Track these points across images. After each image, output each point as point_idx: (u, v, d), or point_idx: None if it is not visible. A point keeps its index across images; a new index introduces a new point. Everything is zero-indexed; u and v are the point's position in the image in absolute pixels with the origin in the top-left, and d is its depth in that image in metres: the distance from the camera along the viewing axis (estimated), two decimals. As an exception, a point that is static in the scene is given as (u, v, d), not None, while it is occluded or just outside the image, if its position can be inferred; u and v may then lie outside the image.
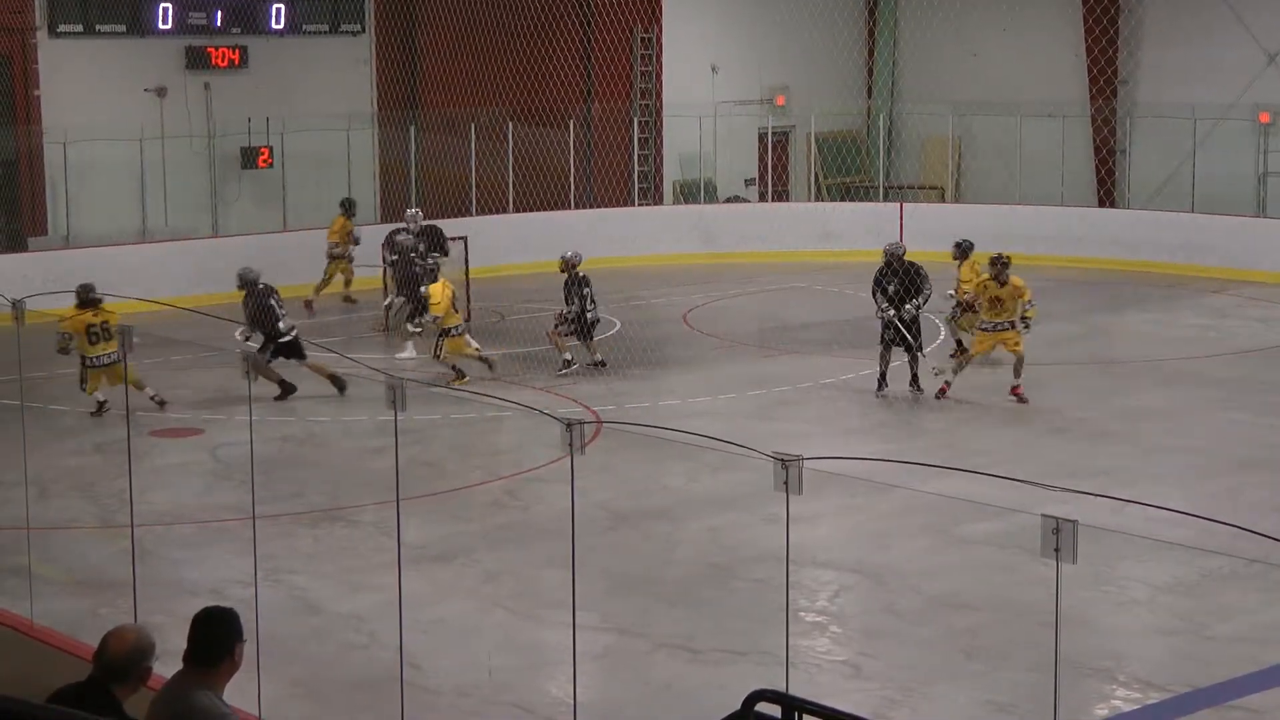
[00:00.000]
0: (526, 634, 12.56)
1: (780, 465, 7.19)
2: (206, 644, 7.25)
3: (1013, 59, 32.56)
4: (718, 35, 33.78)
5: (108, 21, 29.83)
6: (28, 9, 29.05)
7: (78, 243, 28.27)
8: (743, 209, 33.67)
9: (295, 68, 31.33)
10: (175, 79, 30.56)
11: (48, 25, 29.36)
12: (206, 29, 30.89)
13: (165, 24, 30.37)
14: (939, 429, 19.02)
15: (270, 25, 31.47)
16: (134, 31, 30.12)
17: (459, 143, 30.94)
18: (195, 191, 30.42)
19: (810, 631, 12.43)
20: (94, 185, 28.97)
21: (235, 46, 31.19)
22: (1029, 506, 7.40)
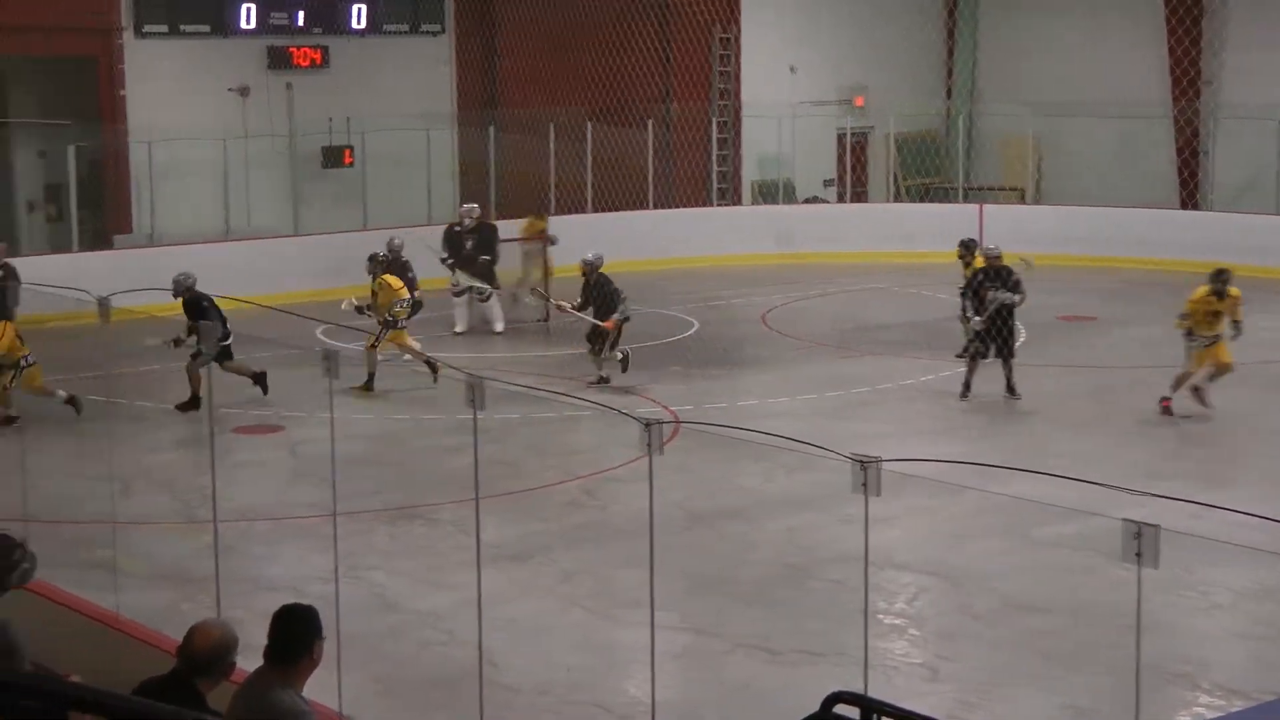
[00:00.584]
0: (604, 633, 12.58)
1: (858, 466, 7.17)
2: (286, 641, 7.31)
3: (1094, 59, 32.29)
4: (797, 35, 33.67)
5: (192, 22, 30.09)
6: (114, 10, 29.33)
7: (162, 241, 28.49)
8: (821, 210, 33.58)
9: (376, 67, 31.48)
10: (258, 79, 30.79)
11: (133, 26, 29.65)
12: (288, 29, 31.09)
13: (248, 24, 30.60)
14: (1016, 431, 18.92)
15: (351, 25, 31.66)
16: (217, 32, 30.38)
17: (538, 142, 30.99)
18: (276, 190, 30.62)
19: (888, 633, 12.39)
20: (178, 184, 29.19)
21: (317, 46, 31.39)
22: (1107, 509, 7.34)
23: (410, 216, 30.01)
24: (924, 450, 16.07)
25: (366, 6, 31.77)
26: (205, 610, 9.81)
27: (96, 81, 29.53)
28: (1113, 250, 27.16)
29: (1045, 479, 10.20)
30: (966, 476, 13.42)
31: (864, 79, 34.33)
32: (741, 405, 19.68)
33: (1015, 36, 33.94)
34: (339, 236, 29.09)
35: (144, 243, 28.63)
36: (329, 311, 20.48)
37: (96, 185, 29.86)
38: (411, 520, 15.40)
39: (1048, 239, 29.59)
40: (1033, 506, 13.49)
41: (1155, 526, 6.40)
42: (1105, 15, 32.36)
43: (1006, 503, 13.24)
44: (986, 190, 33.36)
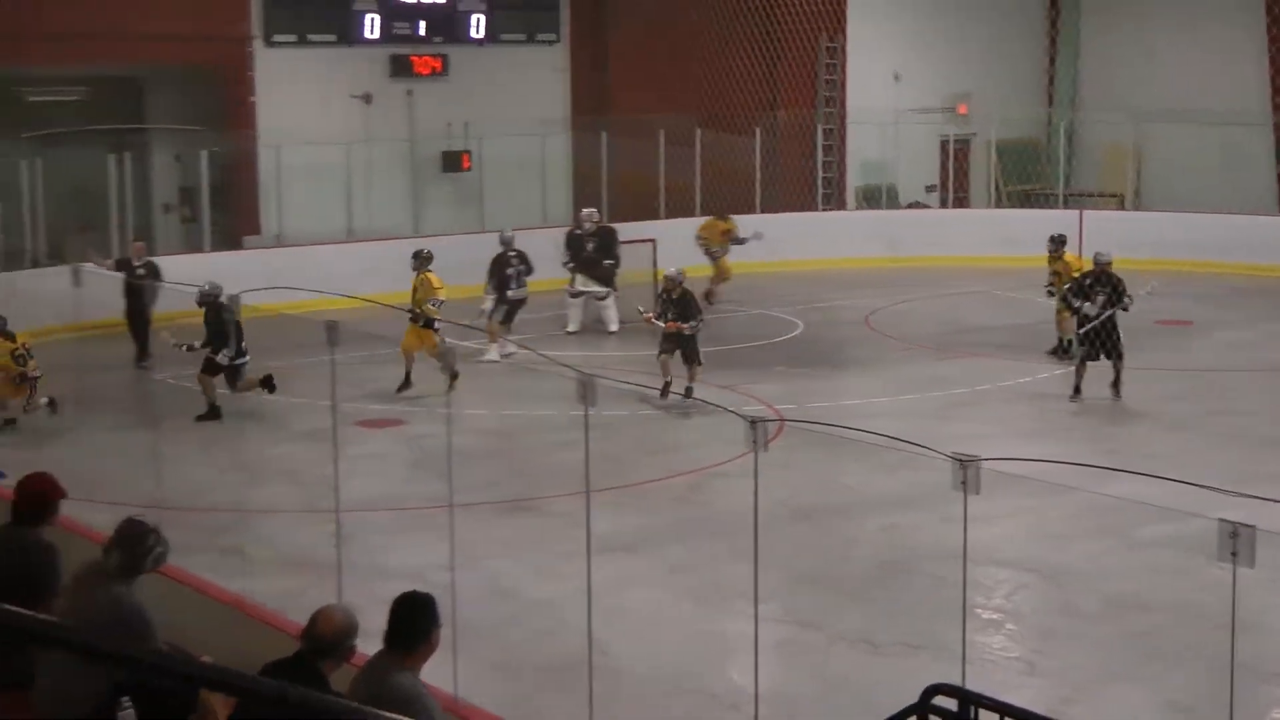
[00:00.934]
0: (709, 624, 12.60)
1: (958, 465, 7.15)
2: (406, 628, 7.39)
3: (1193, 68, 31.94)
4: (901, 44, 33.53)
5: (319, 32, 30.36)
6: (245, 21, 29.65)
7: (288, 241, 28.79)
8: (923, 214, 33.41)
9: (493, 75, 31.63)
10: (380, 86, 31.04)
11: (264, 36, 29.95)
12: (410, 38, 31.31)
13: (372, 34, 30.85)
14: (1113, 432, 18.75)
15: (470, 35, 31.83)
16: (343, 41, 30.64)
17: (649, 148, 31.02)
18: (397, 193, 30.85)
19: (986, 628, 12.33)
20: (304, 187, 29.44)
21: (437, 55, 31.58)
22: (1204, 510, 7.28)
23: (525, 219, 30.13)
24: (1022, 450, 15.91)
25: (485, 17, 31.93)
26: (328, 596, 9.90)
27: (228, 89, 29.86)
28: (1209, 256, 26.82)
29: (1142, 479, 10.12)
30: (1064, 476, 13.31)
31: (967, 87, 34.13)
32: (844, 404, 19.62)
33: (1116, 46, 33.62)
34: (457, 238, 29.25)
35: (271, 243, 28.93)
36: (449, 310, 20.62)
37: (227, 188, 30.19)
38: (525, 512, 15.49)
39: (1146, 244, 29.25)
40: (1130, 506, 13.36)
41: (1251, 527, 6.35)
42: (1205, 25, 31.99)
43: (1104, 502, 13.13)
44: (1086, 196, 33.09)
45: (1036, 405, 20.00)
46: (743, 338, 24.21)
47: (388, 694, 7.10)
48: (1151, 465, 14.70)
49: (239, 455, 14.10)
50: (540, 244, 26.03)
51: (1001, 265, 29.84)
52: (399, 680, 7.27)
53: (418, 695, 7.26)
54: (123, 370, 19.67)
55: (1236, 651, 7.18)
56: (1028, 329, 24.56)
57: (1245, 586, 6.59)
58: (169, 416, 18.20)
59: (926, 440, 8.97)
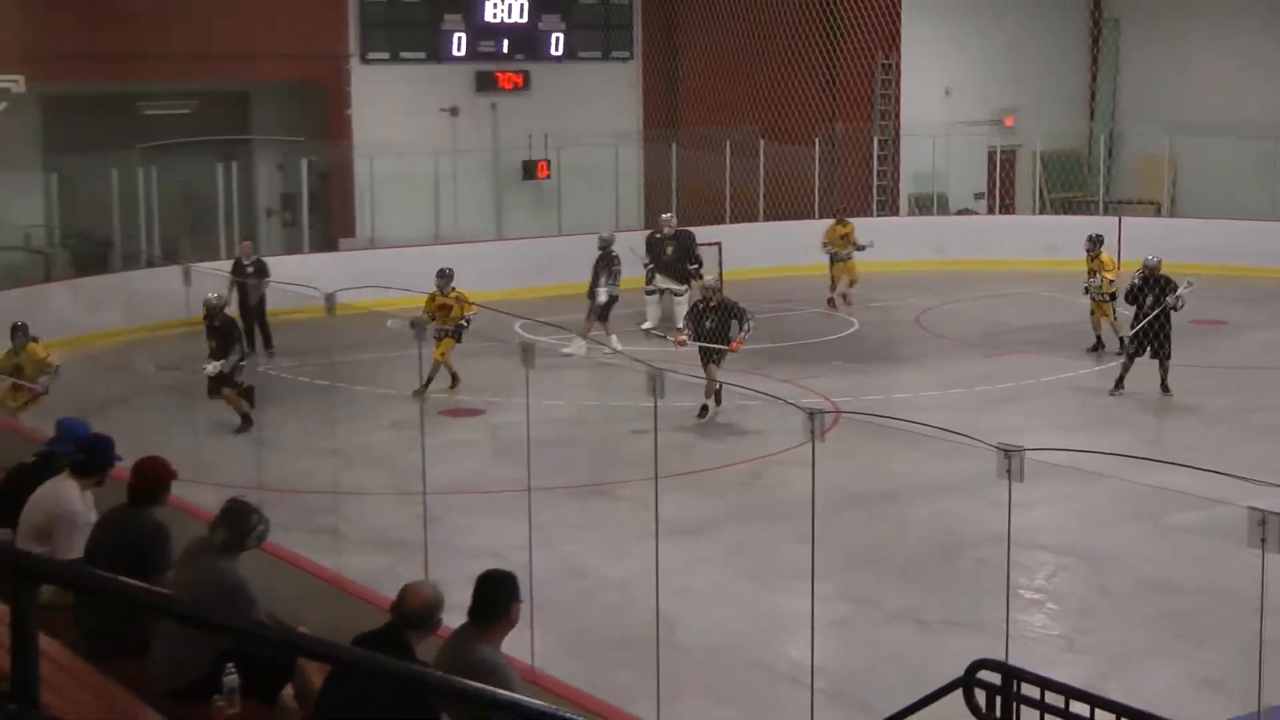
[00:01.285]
0: (768, 602, 12.59)
1: (1003, 455, 7.12)
2: (488, 603, 7.42)
3: (1228, 82, 31.57)
4: (952, 61, 33.33)
5: (410, 50, 30.51)
6: (343, 40, 29.85)
7: (380, 244, 28.94)
8: (972, 220, 33.18)
9: (571, 90, 31.68)
10: (466, 100, 31.14)
11: (359, 53, 30.13)
12: (494, 55, 31.41)
13: (459, 52, 30.97)
14: (1149, 425, 18.60)
15: (550, 52, 31.90)
16: (432, 58, 30.77)
17: (715, 158, 31.00)
18: (481, 199, 30.95)
19: (1028, 607, 12.27)
20: (395, 193, 29.62)
21: (519, 71, 31.66)
22: (1234, 498, 7.21)
23: (599, 224, 30.17)
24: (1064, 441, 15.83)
25: (563, 36, 32.00)
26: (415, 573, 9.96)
27: (326, 103, 30.05)
28: (1243, 260, 26.51)
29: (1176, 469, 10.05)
30: (1103, 466, 13.25)
31: (1014, 101, 33.89)
32: (896, 398, 19.56)
33: (1153, 62, 33.31)
34: (536, 241, 29.42)
35: (365, 245, 29.08)
36: (528, 308, 20.69)
37: (325, 194, 30.42)
38: (598, 496, 15.52)
39: (1181, 249, 28.87)
40: (1165, 494, 13.27)
41: (1278, 514, 6.30)
42: (1238, 42, 31.64)
43: (1138, 490, 13.06)
44: (1125, 204, 32.81)
45: (1077, 399, 19.88)
46: (802, 335, 24.16)
47: (470, 664, 7.13)
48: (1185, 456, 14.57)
49: (333, 442, 14.18)
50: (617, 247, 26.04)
51: (1045, 269, 29.61)
52: (481, 651, 7.30)
53: (498, 665, 7.29)
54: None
55: (1265, 631, 7.12)
56: (1068, 328, 24.38)
57: (1273, 571, 6.53)
58: (269, 406, 18.33)
59: (973, 431, 8.93)
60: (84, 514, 9.61)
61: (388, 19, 30.38)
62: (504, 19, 31.41)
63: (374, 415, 18.69)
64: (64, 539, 9.49)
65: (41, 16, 25.96)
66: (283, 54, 28.75)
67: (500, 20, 31.37)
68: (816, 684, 8.47)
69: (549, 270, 28.04)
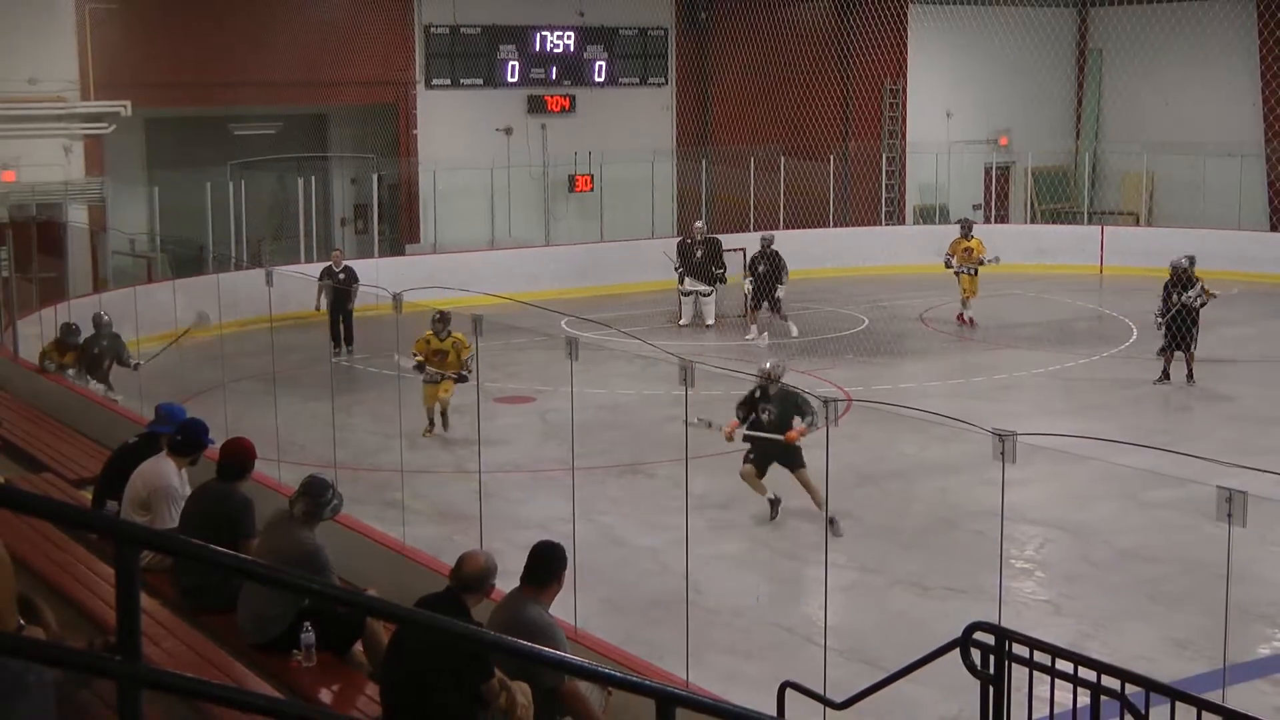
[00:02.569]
0: (787, 569, 12.57)
1: (998, 439, 7.08)
2: (540, 569, 7.43)
3: (1200, 105, 31.36)
4: (952, 86, 33.19)
5: (469, 76, 30.57)
6: (410, 68, 29.94)
7: (442, 249, 29.00)
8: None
9: (612, 112, 31.69)
10: (519, 121, 31.17)
11: (424, 80, 30.20)
12: (544, 81, 31.44)
13: (512, 78, 31.01)
14: (1131, 412, 18.46)
15: (594, 79, 31.91)
16: (488, 84, 30.81)
17: (741, 172, 30.97)
18: (531, 209, 30.98)
19: (1019, 575, 12.22)
20: (455, 204, 29.69)
21: (566, 95, 31.67)
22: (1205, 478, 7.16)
23: (637, 231, 30.30)
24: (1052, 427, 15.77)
25: (606, 64, 32.02)
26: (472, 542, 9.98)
27: (395, 123, 30.12)
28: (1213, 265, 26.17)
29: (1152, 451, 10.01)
30: (1088, 449, 13.17)
31: (1008, 122, 33.74)
32: (902, 387, 19.49)
33: (1134, 87, 33.08)
34: (580, 246, 29.43)
35: (428, 250, 29.15)
36: (572, 306, 20.68)
37: (393, 205, 30.53)
38: (635, 475, 15.51)
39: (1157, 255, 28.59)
40: (1142, 475, 13.21)
41: (1243, 493, 6.25)
42: (1211, 67, 31.39)
43: (1120, 471, 12.97)
44: (1107, 214, 32.64)
45: (1065, 389, 19.77)
46: (817, 330, 24.08)
47: (523, 624, 7.14)
48: (1161, 441, 14.52)
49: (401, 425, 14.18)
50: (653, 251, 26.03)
51: (1036, 271, 29.50)
52: (532, 613, 7.31)
53: (548, 625, 7.30)
54: (308, 354, 19.86)
55: (1230, 596, 7.07)
56: (1057, 325, 24.28)
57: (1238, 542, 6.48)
58: (344, 393, 18.39)
59: (972, 417, 8.91)
60: (180, 488, 9.67)
61: (450, 49, 30.45)
62: (553, 49, 31.44)
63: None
64: (163, 510, 9.55)
65: (145, 48, 26.12)
66: (357, 81, 28.85)
67: (550, 50, 31.40)
68: (830, 642, 8.45)
69: (592, 272, 28.08)
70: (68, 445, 13.46)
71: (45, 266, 22.73)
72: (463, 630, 5.42)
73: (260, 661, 7.98)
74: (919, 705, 9.25)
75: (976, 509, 13.17)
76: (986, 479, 11.16)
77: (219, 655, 7.75)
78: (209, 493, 9.20)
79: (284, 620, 8.11)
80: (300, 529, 8.37)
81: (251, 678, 7.47)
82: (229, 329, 18.16)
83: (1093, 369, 20.26)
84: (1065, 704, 6.74)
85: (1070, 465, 14.16)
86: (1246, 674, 10.02)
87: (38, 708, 5.17)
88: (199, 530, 8.72)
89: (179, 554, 6.77)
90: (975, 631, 7.08)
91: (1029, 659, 6.99)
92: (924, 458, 15.90)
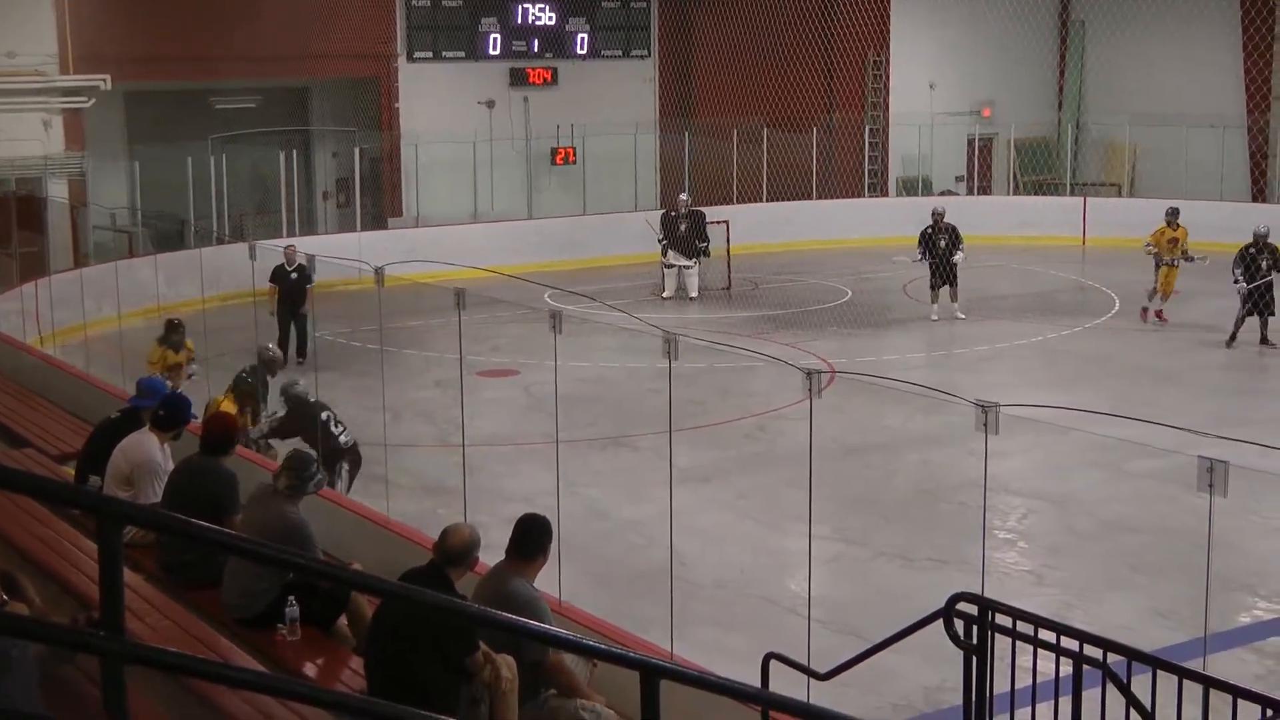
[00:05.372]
0: (771, 541, 12.59)
1: (981, 410, 7.09)
2: (526, 542, 7.42)
3: (1182, 77, 31.37)
4: (936, 58, 33.16)
5: (451, 49, 30.52)
6: (391, 41, 29.86)
7: (425, 223, 28.94)
8: (952, 200, 32.99)
9: (595, 85, 31.63)
10: (501, 94, 31.10)
11: (406, 53, 30.12)
12: (526, 54, 31.37)
13: (494, 51, 30.94)
14: (1113, 383, 18.52)
15: (576, 51, 31.85)
16: (470, 57, 30.74)
17: (724, 145, 30.93)
18: (514, 182, 30.93)
19: (1002, 546, 12.26)
20: (437, 177, 29.62)
21: (548, 68, 31.60)
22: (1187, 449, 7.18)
23: (620, 204, 30.26)
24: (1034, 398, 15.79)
25: (588, 36, 31.94)
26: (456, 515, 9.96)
27: (377, 97, 30.04)
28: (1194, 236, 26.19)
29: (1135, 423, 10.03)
30: (1071, 420, 13.21)
31: (990, 94, 33.73)
32: (885, 359, 19.52)
33: (1116, 58, 33.10)
34: (563, 219, 29.39)
35: (410, 224, 29.10)
36: (556, 279, 20.65)
37: (375, 179, 30.44)
38: (619, 447, 15.52)
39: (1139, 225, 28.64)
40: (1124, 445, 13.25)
41: (1225, 463, 6.27)
42: (1192, 40, 31.41)
43: (1103, 442, 13.02)
44: (1090, 185, 32.68)
45: (1047, 359, 19.81)
46: (801, 302, 24.10)
47: (507, 596, 7.13)
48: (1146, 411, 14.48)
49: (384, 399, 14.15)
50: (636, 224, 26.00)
51: (1018, 243, 29.54)
52: (517, 586, 7.30)
53: (533, 598, 7.29)
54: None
55: (1211, 565, 7.10)
56: (1040, 296, 24.32)
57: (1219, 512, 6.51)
58: (327, 369, 18.33)
59: (954, 389, 8.93)
60: (163, 464, 9.65)
61: (431, 22, 30.36)
62: (535, 21, 31.34)
63: (419, 376, 18.72)
64: (146, 485, 9.53)
65: (125, 22, 25.97)
66: (338, 54, 28.74)
67: (532, 22, 31.31)
68: (813, 614, 8.47)
69: (575, 246, 28.04)
70: (49, 420, 13.40)
71: (25, 242, 22.65)
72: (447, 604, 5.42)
73: (245, 636, 7.97)
74: (902, 675, 9.29)
75: (960, 480, 13.20)
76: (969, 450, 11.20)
77: (203, 630, 7.74)
78: (192, 468, 9.17)
79: (268, 595, 8.10)
80: (284, 504, 8.36)
81: (236, 652, 7.47)
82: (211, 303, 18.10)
83: (1076, 340, 20.31)
84: (1048, 673, 6.77)
85: (1053, 436, 14.18)
86: (1227, 642, 10.08)
87: (21, 683, 5.16)
88: (182, 506, 8.69)
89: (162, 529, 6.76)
90: (958, 602, 7.09)
91: (1012, 629, 7.01)
92: (907, 429, 15.93)
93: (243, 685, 4.17)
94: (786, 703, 5.53)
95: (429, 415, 16.86)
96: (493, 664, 6.87)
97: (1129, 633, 9.58)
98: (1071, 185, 32.61)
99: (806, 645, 7.88)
